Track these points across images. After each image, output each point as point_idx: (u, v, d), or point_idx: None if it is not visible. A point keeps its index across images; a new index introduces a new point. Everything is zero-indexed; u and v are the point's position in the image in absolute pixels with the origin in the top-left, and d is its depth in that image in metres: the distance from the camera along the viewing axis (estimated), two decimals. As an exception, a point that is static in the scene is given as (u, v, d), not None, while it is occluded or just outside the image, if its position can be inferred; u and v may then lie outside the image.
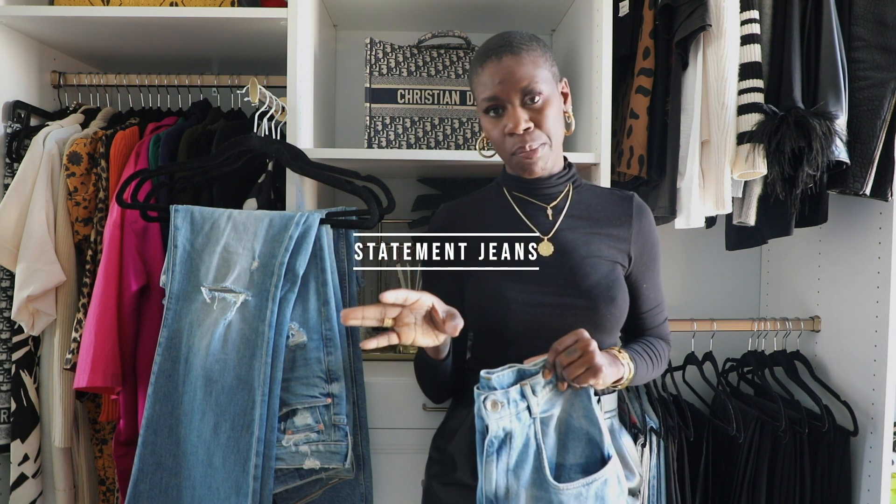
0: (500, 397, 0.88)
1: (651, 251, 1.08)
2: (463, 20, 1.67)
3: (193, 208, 1.18)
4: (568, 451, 0.91)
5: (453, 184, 1.71)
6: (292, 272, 1.10)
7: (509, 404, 0.88)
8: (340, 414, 1.10)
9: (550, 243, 1.03)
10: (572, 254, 1.02)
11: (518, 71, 0.96)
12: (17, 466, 1.34)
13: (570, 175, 1.08)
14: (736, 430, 1.34)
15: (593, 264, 1.02)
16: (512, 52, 0.97)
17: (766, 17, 1.28)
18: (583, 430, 0.91)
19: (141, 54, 1.62)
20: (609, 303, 1.00)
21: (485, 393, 0.88)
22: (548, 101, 0.98)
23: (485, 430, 0.88)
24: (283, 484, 1.10)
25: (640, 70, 1.36)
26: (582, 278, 1.00)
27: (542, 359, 0.91)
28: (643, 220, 1.07)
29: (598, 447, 0.91)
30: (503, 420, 0.88)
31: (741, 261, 1.79)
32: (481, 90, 1.00)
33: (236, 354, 1.08)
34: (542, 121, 0.98)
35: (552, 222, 1.05)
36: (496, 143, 1.03)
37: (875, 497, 1.31)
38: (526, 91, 0.97)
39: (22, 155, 1.37)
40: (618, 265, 1.04)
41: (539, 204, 1.07)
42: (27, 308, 1.30)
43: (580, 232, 1.04)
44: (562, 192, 1.07)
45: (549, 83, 0.99)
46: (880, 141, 1.22)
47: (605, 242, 1.04)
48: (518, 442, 0.88)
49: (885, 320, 1.30)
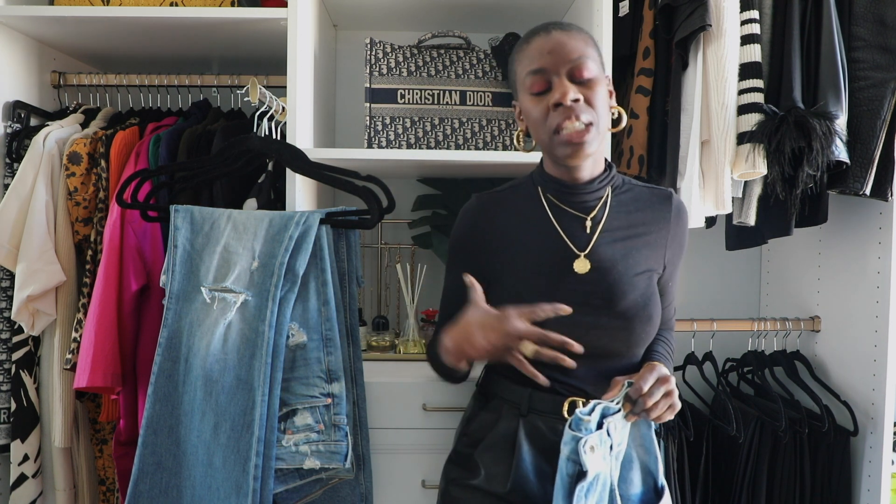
0: (597, 440, 0.82)
1: (681, 251, 1.04)
2: (463, 20, 1.67)
3: (193, 208, 1.18)
4: (625, 481, 0.89)
5: (453, 184, 1.71)
6: (292, 272, 1.10)
7: (601, 445, 0.83)
8: (340, 414, 1.10)
9: (587, 260, 0.96)
10: (610, 271, 0.95)
11: (568, 44, 0.91)
12: (17, 466, 1.34)
13: (610, 177, 1.01)
14: (736, 430, 1.34)
15: (631, 282, 0.96)
16: (562, 29, 0.93)
17: (766, 17, 1.28)
18: (640, 460, 0.90)
19: (141, 54, 1.62)
20: (646, 322, 0.95)
21: (584, 436, 0.81)
22: (597, 80, 0.92)
23: (577, 473, 0.82)
24: (284, 484, 1.10)
25: (640, 70, 1.36)
26: (619, 298, 0.94)
27: (620, 393, 0.87)
28: (680, 223, 1.02)
29: (652, 477, 0.90)
30: (597, 463, 0.83)
31: (741, 261, 1.79)
32: (526, 63, 0.93)
33: (236, 354, 1.08)
34: (591, 97, 0.91)
35: (590, 236, 0.97)
36: (536, 125, 0.94)
37: (875, 497, 1.31)
38: (575, 65, 0.90)
39: (22, 155, 1.37)
40: (654, 274, 1.00)
41: (577, 215, 0.99)
42: (27, 308, 1.30)
43: (619, 246, 0.97)
44: (601, 199, 1.00)
45: (598, 66, 0.94)
46: (880, 141, 1.22)
47: (643, 252, 0.98)
48: (601, 483, 0.84)
49: (885, 320, 1.30)
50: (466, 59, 1.48)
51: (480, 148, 1.45)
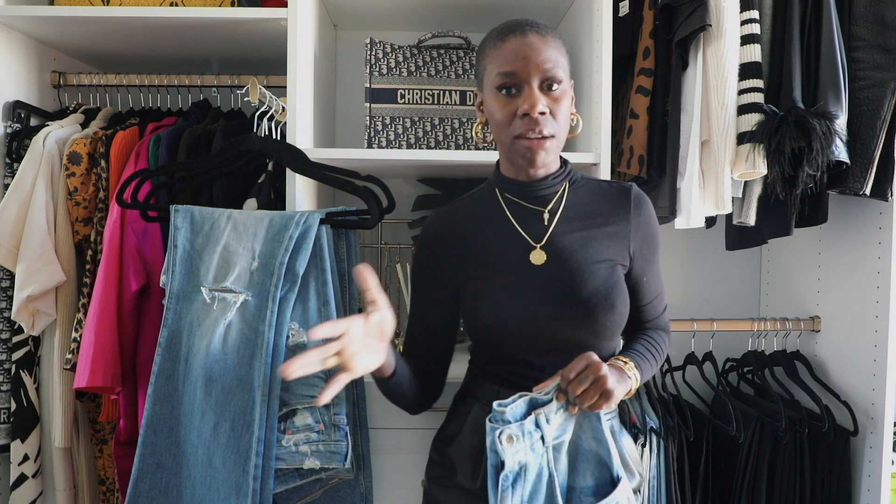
0: (516, 431, 0.84)
1: (651, 243, 1.03)
2: (463, 20, 1.67)
3: (193, 208, 1.18)
4: (578, 473, 0.90)
5: (453, 184, 1.71)
6: (292, 272, 1.10)
7: (524, 437, 0.84)
8: (340, 414, 1.10)
9: (543, 251, 0.97)
10: (568, 261, 0.97)
11: (544, 52, 0.91)
12: (17, 466, 1.34)
13: (565, 173, 1.02)
14: (736, 430, 1.34)
15: (591, 270, 0.96)
16: (538, 33, 0.93)
17: (766, 17, 1.28)
18: (592, 452, 0.90)
19: (141, 54, 1.62)
20: (608, 310, 0.95)
21: (499, 427, 0.84)
22: (565, 92, 0.95)
23: (499, 464, 0.84)
24: (284, 484, 1.10)
25: (640, 70, 1.36)
26: (579, 286, 0.95)
27: (552, 384, 0.88)
28: (642, 213, 1.02)
29: (607, 468, 0.90)
30: (519, 454, 0.84)
31: (741, 261, 1.79)
32: (498, 63, 0.93)
33: (236, 354, 1.08)
34: (557, 111, 0.93)
35: (546, 227, 0.99)
36: (499, 126, 0.95)
37: (875, 497, 1.31)
38: (548, 75, 0.92)
39: (22, 155, 1.37)
40: (617, 266, 0.99)
41: (534, 208, 1.01)
42: (27, 308, 1.30)
43: (577, 235, 0.99)
44: (557, 193, 1.01)
45: (567, 75, 0.95)
46: (880, 141, 1.22)
47: (604, 243, 0.99)
48: (532, 473, 0.85)
49: (885, 320, 1.30)
50: (466, 59, 1.48)
51: (480, 148, 1.45)
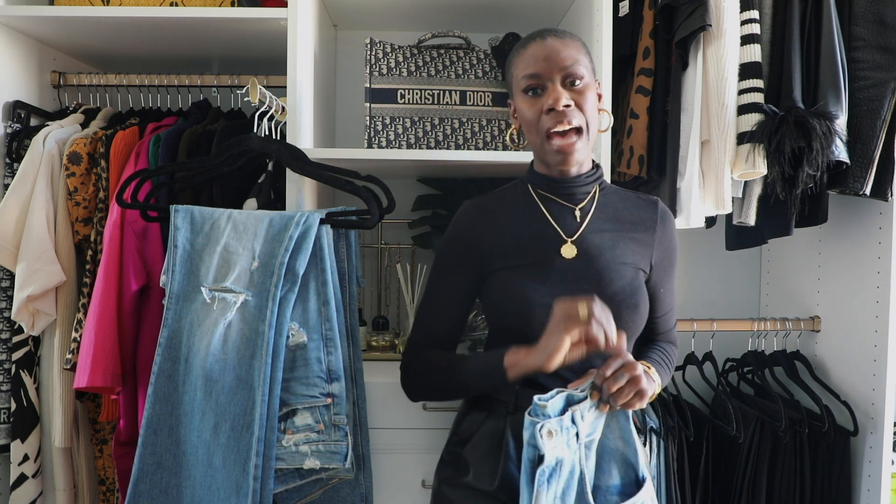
0: (556, 426, 0.85)
1: (671, 257, 1.08)
2: (463, 20, 1.67)
3: (193, 208, 1.18)
4: (604, 472, 0.90)
5: (453, 184, 1.71)
6: (292, 272, 1.10)
7: (562, 432, 0.85)
8: (340, 414, 1.10)
9: (574, 246, 1.01)
10: (598, 258, 1.00)
11: (563, 51, 0.97)
12: (17, 466, 1.34)
13: (597, 175, 1.06)
14: (736, 430, 1.34)
15: (618, 270, 1.00)
16: (557, 36, 0.99)
17: (766, 17, 1.28)
18: (619, 452, 0.91)
19: (141, 54, 1.62)
20: (632, 310, 0.98)
21: (540, 421, 0.85)
22: (588, 86, 0.99)
23: (537, 458, 0.85)
24: (284, 484, 1.10)
25: (640, 70, 1.36)
26: (607, 283, 0.98)
27: (587, 381, 0.89)
28: (667, 226, 1.07)
29: (632, 468, 0.90)
30: (556, 449, 0.85)
31: (741, 261, 1.79)
32: (522, 68, 0.99)
33: (236, 354, 1.08)
34: (582, 103, 0.97)
35: (579, 224, 1.03)
36: (530, 125, 1.00)
37: (875, 497, 1.31)
38: (568, 72, 0.97)
39: (22, 155, 1.36)
40: (640, 271, 1.03)
41: (566, 205, 1.04)
42: (27, 308, 1.30)
43: (606, 235, 1.02)
44: (589, 193, 1.05)
45: (589, 73, 1.00)
46: (880, 141, 1.22)
47: (630, 247, 1.03)
48: (566, 469, 0.86)
49: (885, 320, 1.30)
50: (466, 59, 1.48)
51: (480, 148, 1.45)
